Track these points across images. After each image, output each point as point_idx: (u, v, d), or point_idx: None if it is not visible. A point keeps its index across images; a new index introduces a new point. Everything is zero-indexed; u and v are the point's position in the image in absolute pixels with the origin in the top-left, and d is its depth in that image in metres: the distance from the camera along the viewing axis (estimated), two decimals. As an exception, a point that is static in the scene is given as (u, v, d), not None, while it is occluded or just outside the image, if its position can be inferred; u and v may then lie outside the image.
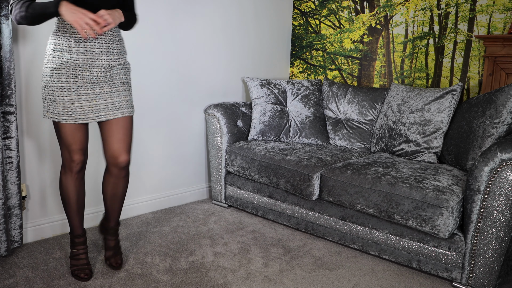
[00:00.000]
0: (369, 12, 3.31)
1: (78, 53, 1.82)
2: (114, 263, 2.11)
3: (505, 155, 1.87)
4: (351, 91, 3.09)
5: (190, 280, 2.05)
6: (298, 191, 2.50)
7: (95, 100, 1.88)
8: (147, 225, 2.69)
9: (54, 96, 1.84)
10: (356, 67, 3.43)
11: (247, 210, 2.90)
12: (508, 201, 1.88)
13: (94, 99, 1.88)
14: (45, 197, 2.44)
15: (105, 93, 1.89)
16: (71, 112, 1.86)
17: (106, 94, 1.90)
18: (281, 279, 2.10)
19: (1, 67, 2.07)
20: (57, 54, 1.83)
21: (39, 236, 2.43)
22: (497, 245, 1.93)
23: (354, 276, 2.16)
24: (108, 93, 1.90)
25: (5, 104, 2.11)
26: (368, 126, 2.97)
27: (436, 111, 2.53)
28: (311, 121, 3.06)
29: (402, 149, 2.62)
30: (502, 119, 2.19)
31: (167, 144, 2.98)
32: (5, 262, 2.15)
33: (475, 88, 2.86)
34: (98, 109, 1.89)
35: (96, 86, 1.87)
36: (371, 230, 2.31)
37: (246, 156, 2.78)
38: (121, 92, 1.94)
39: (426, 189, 2.07)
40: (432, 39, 3.02)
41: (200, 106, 3.14)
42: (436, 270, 2.11)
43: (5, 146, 2.13)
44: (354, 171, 2.34)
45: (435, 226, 2.00)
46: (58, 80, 1.83)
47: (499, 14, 2.72)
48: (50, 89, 1.85)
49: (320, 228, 2.52)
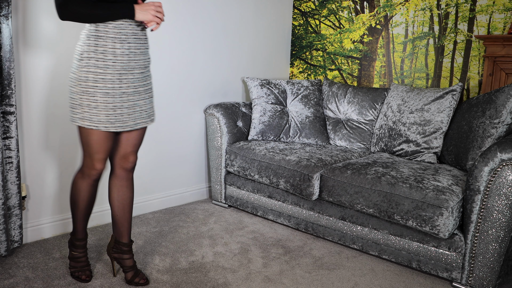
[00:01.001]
0: (369, 12, 3.31)
1: (123, 54, 1.74)
2: (140, 280, 1.98)
3: (505, 155, 1.87)
4: (351, 91, 3.09)
5: (190, 280, 2.05)
6: (298, 191, 2.50)
7: (133, 107, 1.82)
8: (147, 225, 2.69)
9: (97, 103, 1.73)
10: (356, 67, 3.43)
11: (247, 210, 2.90)
12: (508, 201, 1.88)
13: (133, 106, 1.81)
14: (45, 197, 2.44)
15: (141, 99, 1.84)
16: (114, 119, 1.76)
17: (141, 101, 1.85)
18: (281, 279, 2.10)
19: (1, 67, 2.07)
20: (99, 57, 1.72)
21: (39, 236, 2.43)
22: (497, 245, 1.93)
23: (354, 276, 2.16)
24: (143, 100, 1.85)
25: (5, 104, 2.11)
26: (368, 126, 2.97)
27: (436, 111, 2.53)
28: (311, 121, 3.06)
29: (402, 149, 2.62)
30: (502, 119, 2.19)
31: (167, 144, 2.98)
32: (5, 262, 2.15)
33: (475, 88, 2.86)
34: (135, 116, 1.83)
35: (136, 91, 1.82)
36: (371, 230, 2.31)
37: (246, 156, 2.78)
38: (151, 98, 1.91)
39: (426, 189, 2.07)
40: (432, 39, 3.02)
41: (200, 106, 3.14)
42: (436, 270, 2.11)
43: (5, 146, 2.13)
44: (354, 171, 2.34)
45: (435, 226, 2.00)
46: (103, 85, 1.73)
47: (499, 14, 2.72)
48: (91, 95, 1.73)
49: (320, 228, 2.52)
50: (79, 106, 1.74)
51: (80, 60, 1.73)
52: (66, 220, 2.52)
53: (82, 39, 1.74)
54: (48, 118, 2.39)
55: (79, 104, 1.74)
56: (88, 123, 1.75)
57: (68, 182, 2.51)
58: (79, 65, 1.73)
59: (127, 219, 2.00)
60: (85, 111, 1.74)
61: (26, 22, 2.24)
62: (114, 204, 1.99)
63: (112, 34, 1.72)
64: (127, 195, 1.99)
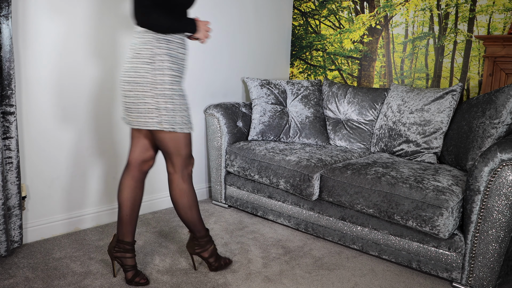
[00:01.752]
0: (369, 13, 3.31)
1: (184, 59, 1.86)
2: (141, 280, 1.99)
3: (505, 155, 1.87)
4: (351, 92, 3.09)
5: (190, 280, 2.05)
6: (298, 191, 2.50)
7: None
8: (147, 225, 2.69)
9: (174, 105, 1.80)
10: (356, 67, 3.43)
11: (247, 210, 2.90)
12: (508, 201, 1.88)
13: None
14: (44, 197, 2.43)
15: None
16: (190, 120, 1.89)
17: None
18: (281, 279, 2.10)
19: (1, 67, 2.07)
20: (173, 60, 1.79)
21: (39, 236, 2.43)
22: (497, 246, 1.93)
23: (354, 276, 2.16)
24: None
25: (5, 104, 2.11)
26: (368, 127, 2.97)
27: (436, 111, 2.53)
28: (311, 121, 3.06)
29: (402, 150, 2.62)
30: (502, 119, 2.19)
31: (167, 144, 2.98)
32: (5, 262, 2.15)
33: (475, 88, 2.86)
34: None
35: None
36: (371, 230, 2.31)
37: (246, 156, 2.78)
38: None
39: (426, 189, 2.07)
40: (432, 39, 3.02)
41: (200, 106, 3.14)
42: (436, 270, 2.11)
43: (5, 146, 2.13)
44: (354, 172, 2.34)
45: (435, 226, 2.00)
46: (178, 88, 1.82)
47: (499, 15, 2.72)
48: (169, 97, 1.79)
49: (320, 228, 2.52)
50: (156, 110, 1.76)
51: (152, 63, 1.75)
52: (66, 220, 2.52)
53: (149, 43, 1.76)
54: (48, 118, 2.39)
55: (156, 108, 1.76)
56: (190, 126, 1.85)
57: (68, 182, 2.51)
58: (151, 68, 1.75)
59: (134, 219, 2.00)
60: (187, 115, 1.83)
61: (26, 22, 2.24)
62: (126, 204, 1.98)
63: (177, 40, 1.81)
64: (140, 196, 2.02)
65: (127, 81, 1.78)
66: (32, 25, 2.26)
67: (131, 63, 1.78)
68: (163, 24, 1.72)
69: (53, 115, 2.40)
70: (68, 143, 2.48)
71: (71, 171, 2.51)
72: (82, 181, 2.57)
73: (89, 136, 2.57)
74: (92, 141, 2.58)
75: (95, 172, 2.62)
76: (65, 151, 2.48)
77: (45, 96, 2.36)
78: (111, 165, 2.69)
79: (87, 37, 2.48)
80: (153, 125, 1.78)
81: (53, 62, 2.37)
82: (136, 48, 1.77)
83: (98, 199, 2.66)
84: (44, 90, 2.35)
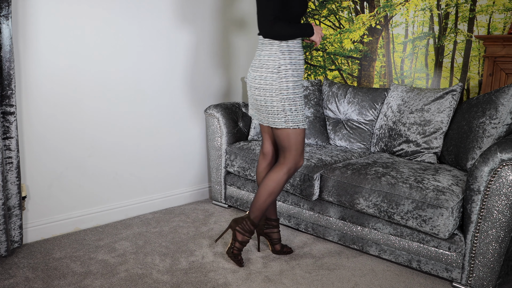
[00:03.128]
0: (369, 12, 3.31)
1: (302, 64, 2.08)
2: (288, 249, 2.37)
3: (505, 155, 1.87)
4: (351, 91, 3.09)
5: (190, 280, 2.05)
6: (298, 191, 2.50)
7: None
8: (147, 225, 2.69)
9: (296, 106, 2.04)
10: (356, 67, 3.43)
11: (247, 211, 2.90)
12: (508, 201, 1.88)
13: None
14: (44, 197, 2.44)
15: None
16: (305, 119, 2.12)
17: None
18: (281, 279, 2.10)
19: (1, 67, 2.07)
20: (295, 67, 2.03)
21: (39, 236, 2.43)
22: (497, 245, 1.93)
23: (354, 276, 2.16)
24: None
25: (5, 104, 2.11)
26: (368, 126, 2.97)
27: (436, 111, 2.53)
28: (311, 121, 3.06)
29: (402, 149, 2.62)
30: (502, 119, 2.19)
31: (167, 144, 2.98)
32: (5, 262, 2.15)
33: (475, 88, 2.86)
34: None
35: None
36: (371, 230, 2.31)
37: (246, 156, 2.78)
38: None
39: (426, 189, 2.07)
40: (432, 39, 3.02)
41: (200, 106, 3.14)
42: (436, 270, 2.11)
43: (5, 146, 2.13)
44: (354, 171, 2.34)
45: (435, 226, 2.00)
46: (299, 91, 2.05)
47: (499, 14, 2.72)
48: (292, 100, 2.02)
49: (320, 228, 2.52)
50: (282, 111, 2.02)
51: (278, 72, 2.00)
52: (66, 220, 2.52)
53: (274, 55, 2.01)
54: (48, 118, 2.39)
55: (282, 110, 2.02)
56: (304, 122, 2.06)
57: (68, 182, 2.51)
58: (277, 77, 2.00)
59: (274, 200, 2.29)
60: (302, 114, 2.05)
61: (26, 22, 2.24)
62: None
63: (297, 48, 2.05)
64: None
65: (256, 87, 2.06)
66: (32, 25, 2.26)
67: (259, 72, 2.04)
68: (287, 32, 1.97)
69: (53, 115, 2.40)
70: (68, 143, 2.48)
71: (71, 171, 2.52)
72: (82, 181, 2.58)
73: (89, 136, 2.57)
74: (92, 141, 2.58)
75: (95, 172, 2.62)
76: (65, 151, 2.48)
77: (45, 96, 2.36)
78: (111, 165, 2.70)
79: (87, 37, 2.48)
80: (280, 125, 2.05)
81: (53, 62, 2.36)
82: (263, 59, 2.04)
83: (98, 199, 2.66)
84: (44, 90, 2.35)
